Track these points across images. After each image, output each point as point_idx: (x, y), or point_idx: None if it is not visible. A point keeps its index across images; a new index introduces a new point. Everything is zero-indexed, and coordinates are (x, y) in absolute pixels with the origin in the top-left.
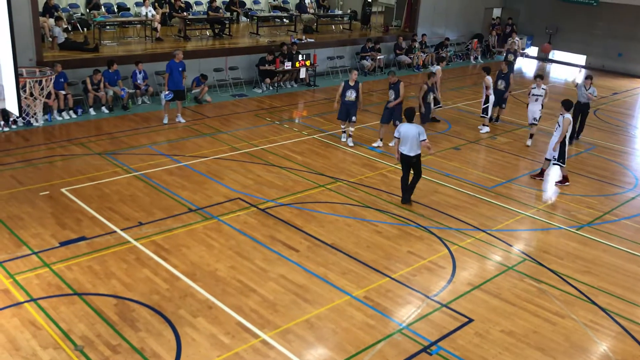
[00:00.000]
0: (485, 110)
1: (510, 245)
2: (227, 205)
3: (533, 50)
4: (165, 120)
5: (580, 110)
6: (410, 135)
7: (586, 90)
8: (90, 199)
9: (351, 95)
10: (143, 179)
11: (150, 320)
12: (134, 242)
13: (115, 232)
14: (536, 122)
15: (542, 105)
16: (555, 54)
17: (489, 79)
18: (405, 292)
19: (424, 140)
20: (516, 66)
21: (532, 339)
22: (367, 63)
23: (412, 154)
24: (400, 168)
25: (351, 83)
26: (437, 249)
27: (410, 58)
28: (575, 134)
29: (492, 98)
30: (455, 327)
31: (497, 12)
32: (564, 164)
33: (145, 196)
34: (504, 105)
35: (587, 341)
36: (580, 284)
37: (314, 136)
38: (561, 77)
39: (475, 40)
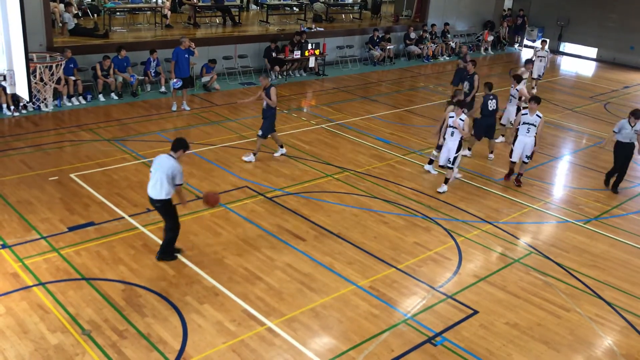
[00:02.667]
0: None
1: (517, 238)
2: (235, 193)
3: None
4: (174, 108)
5: (622, 152)
6: (159, 171)
7: (632, 127)
8: (98, 185)
9: (493, 105)
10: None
11: (157, 306)
12: (142, 228)
13: (123, 218)
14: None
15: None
16: (566, 47)
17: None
18: (411, 282)
19: (179, 185)
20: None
21: (537, 331)
22: (376, 53)
23: (155, 197)
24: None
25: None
26: (444, 241)
27: (420, 48)
28: (614, 182)
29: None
30: (460, 318)
31: (508, 3)
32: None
33: None
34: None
35: (592, 335)
36: (586, 277)
37: (322, 126)
38: (572, 70)
39: (487, 31)
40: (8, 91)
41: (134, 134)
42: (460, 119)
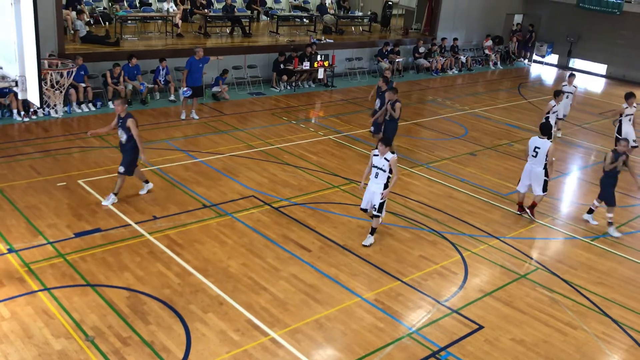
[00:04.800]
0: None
1: (524, 254)
2: (241, 202)
3: (553, 58)
4: (183, 116)
5: None
6: None
7: None
8: (106, 191)
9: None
10: (159, 174)
11: (161, 314)
12: (148, 236)
13: (129, 225)
14: (636, 144)
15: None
16: (576, 63)
17: (550, 103)
18: (416, 296)
19: None
20: (535, 73)
21: (543, 348)
22: (384, 65)
23: None
24: None
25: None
26: (450, 254)
27: (429, 62)
28: None
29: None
30: (465, 333)
31: (518, 18)
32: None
33: (161, 190)
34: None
35: (599, 353)
36: (593, 295)
37: (330, 137)
38: (581, 86)
39: (487, 37)
40: (19, 97)
41: (142, 141)
42: (386, 158)
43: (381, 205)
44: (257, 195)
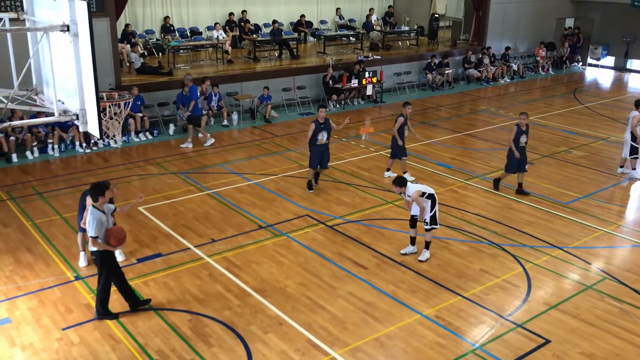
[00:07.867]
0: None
1: (589, 263)
2: (296, 222)
3: (609, 60)
4: (209, 142)
5: None
6: None
7: None
8: (165, 217)
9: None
10: (215, 197)
11: (222, 335)
12: (207, 259)
13: (189, 248)
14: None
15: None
16: (634, 64)
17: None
18: (478, 311)
19: (91, 237)
20: (591, 77)
21: None
22: (431, 77)
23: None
24: None
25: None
26: (511, 267)
27: (480, 71)
28: None
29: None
30: (531, 348)
31: (570, 22)
32: None
33: (218, 214)
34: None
35: None
36: None
37: (381, 152)
38: (638, 88)
39: (539, 47)
40: (80, 129)
41: (198, 166)
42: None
43: (432, 218)
44: (311, 214)
